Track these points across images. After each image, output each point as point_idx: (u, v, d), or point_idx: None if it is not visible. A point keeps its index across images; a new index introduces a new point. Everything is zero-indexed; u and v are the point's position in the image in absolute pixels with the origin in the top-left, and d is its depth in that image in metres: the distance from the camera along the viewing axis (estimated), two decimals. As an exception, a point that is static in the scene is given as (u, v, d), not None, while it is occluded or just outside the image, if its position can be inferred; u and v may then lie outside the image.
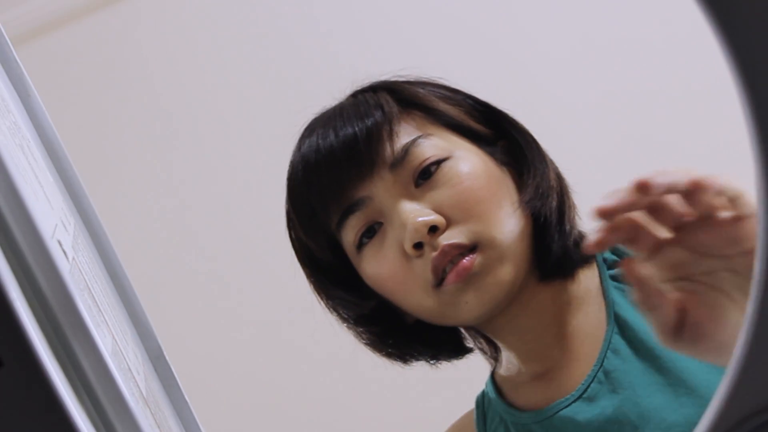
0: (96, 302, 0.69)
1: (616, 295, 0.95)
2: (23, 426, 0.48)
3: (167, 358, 0.91)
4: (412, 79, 1.01)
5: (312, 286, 1.02)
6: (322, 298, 1.02)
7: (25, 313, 0.48)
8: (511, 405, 1.00)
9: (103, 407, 0.54)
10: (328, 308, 1.02)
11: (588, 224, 0.96)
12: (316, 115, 1.00)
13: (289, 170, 0.98)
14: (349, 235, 0.95)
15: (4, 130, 0.63)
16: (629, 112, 2.02)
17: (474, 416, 1.06)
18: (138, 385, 0.71)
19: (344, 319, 1.02)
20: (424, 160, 0.92)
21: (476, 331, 1.03)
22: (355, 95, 1.00)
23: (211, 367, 2.04)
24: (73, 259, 0.67)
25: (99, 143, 2.18)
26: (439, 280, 0.90)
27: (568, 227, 0.96)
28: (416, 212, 0.90)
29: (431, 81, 1.01)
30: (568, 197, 0.99)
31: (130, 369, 0.70)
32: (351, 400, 2.00)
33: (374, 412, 1.96)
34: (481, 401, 1.06)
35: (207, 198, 2.17)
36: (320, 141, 0.95)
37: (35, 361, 0.47)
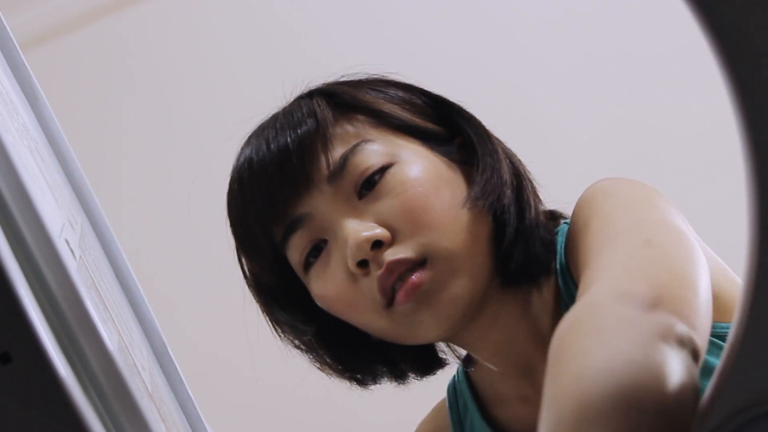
0: (102, 299, 0.69)
1: (566, 295, 0.85)
2: (31, 420, 0.48)
3: (171, 354, 0.91)
4: (357, 79, 0.91)
5: (263, 312, 0.94)
6: (270, 324, 0.94)
7: (34, 310, 0.48)
8: (492, 424, 0.92)
9: (110, 402, 0.54)
10: (277, 334, 0.94)
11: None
12: (256, 126, 0.90)
13: (228, 188, 0.89)
14: (294, 255, 0.85)
15: (13, 132, 0.63)
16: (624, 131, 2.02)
17: (447, 414, 0.98)
18: (143, 380, 0.71)
19: (294, 345, 0.94)
20: (366, 169, 0.82)
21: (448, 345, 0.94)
22: (292, 102, 0.90)
23: (214, 364, 2.04)
24: (80, 257, 0.67)
25: (105, 144, 2.18)
26: (389, 300, 0.80)
27: (528, 225, 0.84)
28: (359, 227, 0.80)
29: (380, 79, 0.91)
30: (528, 193, 0.87)
31: (135, 365, 0.70)
32: (354, 397, 1.99)
33: (378, 406, 1.95)
34: (455, 403, 0.98)
35: (210, 199, 2.16)
36: (253, 155, 0.85)
37: (43, 356, 0.47)
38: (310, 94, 0.89)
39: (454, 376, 1.00)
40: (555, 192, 0.94)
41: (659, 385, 0.50)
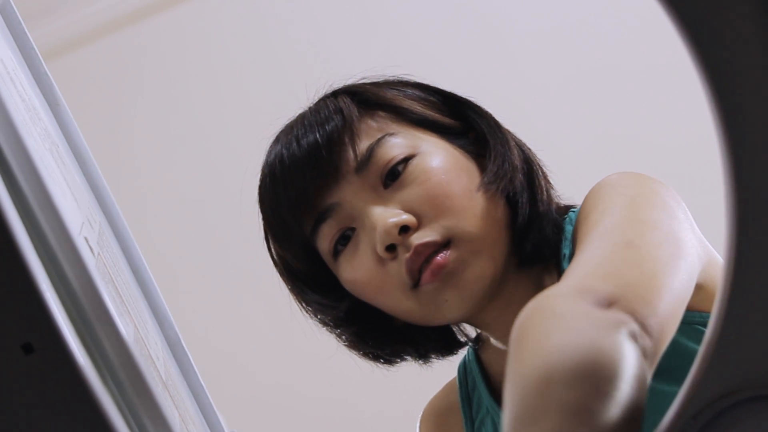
0: (119, 294, 0.68)
1: None
2: (52, 406, 0.47)
3: (184, 345, 0.91)
4: (377, 80, 0.93)
5: (291, 294, 0.94)
6: (301, 304, 0.94)
7: (55, 303, 0.48)
8: (499, 399, 0.92)
9: (126, 389, 0.54)
10: (307, 313, 0.94)
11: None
12: (283, 126, 0.91)
13: (259, 183, 0.90)
14: (324, 243, 0.86)
15: (36, 136, 0.63)
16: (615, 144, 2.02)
17: (457, 391, 0.98)
18: (158, 369, 0.71)
19: (324, 323, 0.94)
20: (390, 160, 0.84)
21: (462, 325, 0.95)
22: (317, 102, 0.91)
23: (224, 354, 2.04)
24: (99, 254, 0.66)
25: (121, 148, 2.18)
26: (416, 281, 0.81)
27: (541, 207, 0.86)
28: (386, 214, 0.81)
29: (397, 80, 0.93)
30: (539, 179, 0.89)
31: (150, 355, 0.70)
32: (361, 388, 1.98)
33: (384, 396, 1.96)
34: (464, 380, 0.98)
35: (221, 199, 2.16)
36: (284, 151, 0.86)
37: (63, 347, 0.47)
38: (335, 94, 0.90)
39: (465, 356, 1.00)
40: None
41: (615, 359, 0.51)
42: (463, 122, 0.90)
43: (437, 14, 2.12)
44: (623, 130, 2.01)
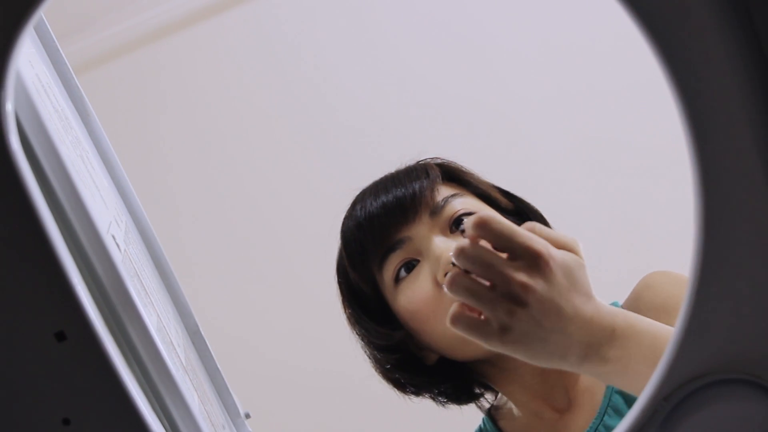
0: (144, 286, 0.68)
1: None
2: (82, 389, 0.48)
3: (203, 333, 0.91)
4: (450, 161, 1.01)
5: (350, 320, 0.98)
6: (354, 328, 0.98)
7: (85, 295, 0.48)
8: None
9: (150, 373, 0.54)
10: (359, 336, 0.98)
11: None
12: (366, 186, 0.98)
13: (342, 225, 0.96)
14: (389, 270, 0.91)
15: (68, 144, 0.63)
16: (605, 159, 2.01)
17: None
18: (179, 355, 0.71)
19: (371, 346, 0.97)
20: (458, 210, 0.90)
21: (483, 383, 0.98)
22: (409, 165, 0.99)
23: (241, 341, 2.04)
24: (125, 250, 0.66)
25: (146, 153, 2.18)
26: None
27: None
28: (448, 244, 0.86)
29: (466, 168, 1.01)
30: None
31: (172, 342, 0.70)
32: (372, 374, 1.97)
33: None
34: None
35: (236, 200, 2.17)
36: (373, 199, 0.93)
37: (93, 335, 0.47)
38: (422, 162, 0.99)
39: (480, 425, 1.02)
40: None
41: None
42: (516, 208, 0.98)
43: (442, 41, 2.12)
44: (610, 138, 2.01)
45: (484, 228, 0.61)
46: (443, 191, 0.93)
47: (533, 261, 0.61)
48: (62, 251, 0.47)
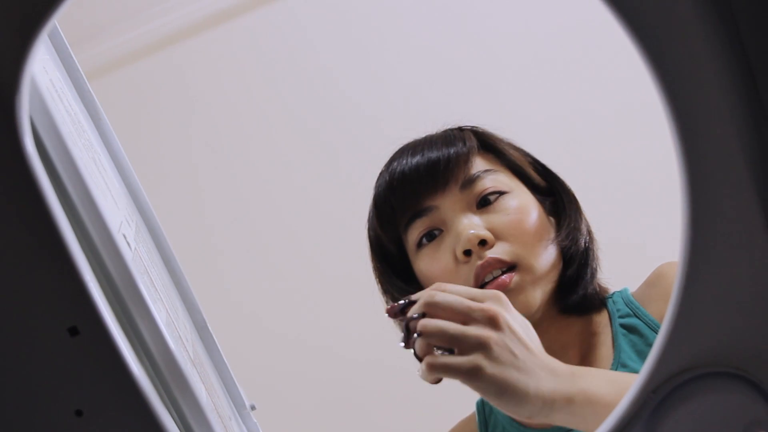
0: (153, 283, 0.68)
1: (623, 342, 0.90)
2: (94, 382, 0.48)
3: (210, 328, 0.91)
4: (494, 132, 0.99)
5: (375, 273, 0.98)
6: (381, 283, 0.98)
7: (97, 291, 0.48)
8: (515, 419, 0.93)
9: (159, 367, 0.54)
10: (384, 292, 0.98)
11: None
12: (406, 143, 0.96)
13: (377, 180, 0.95)
14: (413, 234, 0.91)
15: (80, 147, 0.63)
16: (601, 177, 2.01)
17: (476, 420, 1.00)
18: (187, 349, 0.71)
19: (393, 300, 0.97)
20: (488, 188, 0.89)
21: None
22: (446, 129, 0.97)
23: (248, 336, 2.04)
24: (135, 249, 0.66)
25: (156, 156, 2.18)
26: (478, 288, 0.84)
27: (589, 273, 0.93)
28: (472, 225, 0.86)
29: (505, 138, 0.99)
30: (594, 251, 0.95)
31: (180, 337, 0.70)
32: (381, 366, 1.97)
33: (405, 370, 1.95)
34: (482, 408, 1.00)
35: (245, 199, 2.17)
36: (409, 158, 0.92)
37: (105, 330, 0.47)
38: (460, 128, 0.97)
39: (478, 400, 1.01)
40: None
41: None
42: (549, 186, 0.97)
43: (444, 44, 2.12)
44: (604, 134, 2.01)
45: (434, 306, 0.66)
46: (477, 163, 0.91)
47: (488, 322, 0.65)
48: (75, 250, 0.47)
